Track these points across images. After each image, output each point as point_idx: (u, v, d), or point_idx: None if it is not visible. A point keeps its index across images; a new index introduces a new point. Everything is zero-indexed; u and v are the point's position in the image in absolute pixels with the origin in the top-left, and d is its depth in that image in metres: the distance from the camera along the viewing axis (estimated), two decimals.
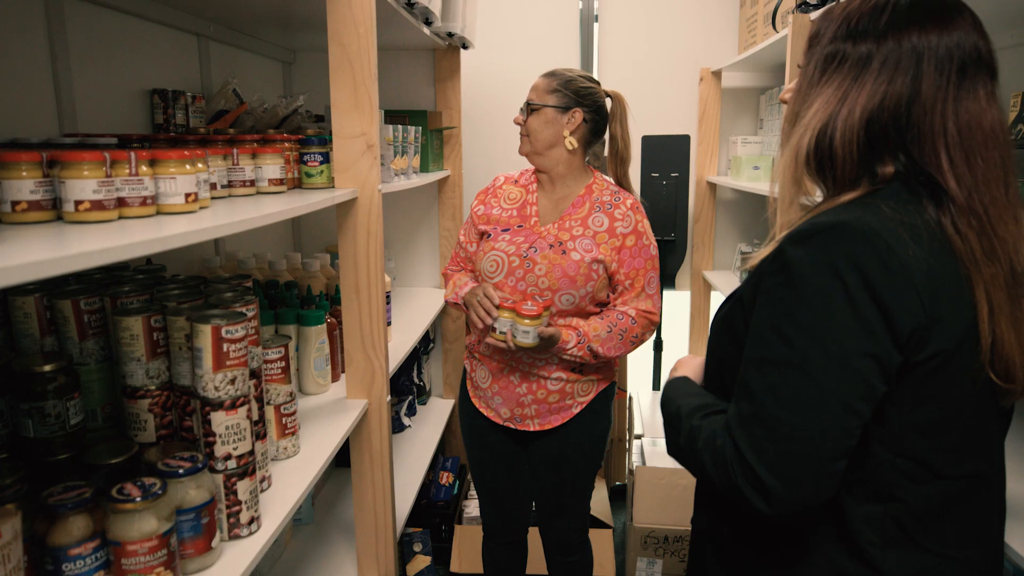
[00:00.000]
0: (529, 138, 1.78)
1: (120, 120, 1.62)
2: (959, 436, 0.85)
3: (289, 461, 1.32)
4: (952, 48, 0.82)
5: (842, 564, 0.87)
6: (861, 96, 0.83)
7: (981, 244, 0.81)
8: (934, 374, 0.81)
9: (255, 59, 2.34)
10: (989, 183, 0.81)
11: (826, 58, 0.87)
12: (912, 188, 0.83)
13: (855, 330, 0.78)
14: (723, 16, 2.91)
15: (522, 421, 1.77)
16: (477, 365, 1.83)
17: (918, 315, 0.78)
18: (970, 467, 0.86)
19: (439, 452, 2.80)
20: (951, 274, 0.80)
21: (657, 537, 2.27)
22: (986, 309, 0.81)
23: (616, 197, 1.75)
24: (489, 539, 2.00)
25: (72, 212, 0.89)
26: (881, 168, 0.84)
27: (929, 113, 0.81)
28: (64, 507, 0.84)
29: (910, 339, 0.79)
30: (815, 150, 0.86)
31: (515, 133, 2.95)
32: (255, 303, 1.14)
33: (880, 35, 0.84)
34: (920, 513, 0.85)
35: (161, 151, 0.99)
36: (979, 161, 0.81)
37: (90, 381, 1.10)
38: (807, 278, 0.80)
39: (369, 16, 1.41)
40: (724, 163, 3.01)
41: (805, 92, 0.89)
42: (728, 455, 0.82)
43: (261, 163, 1.35)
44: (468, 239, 1.87)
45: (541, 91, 1.77)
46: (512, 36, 2.94)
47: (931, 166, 0.82)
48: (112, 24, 1.57)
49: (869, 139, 0.84)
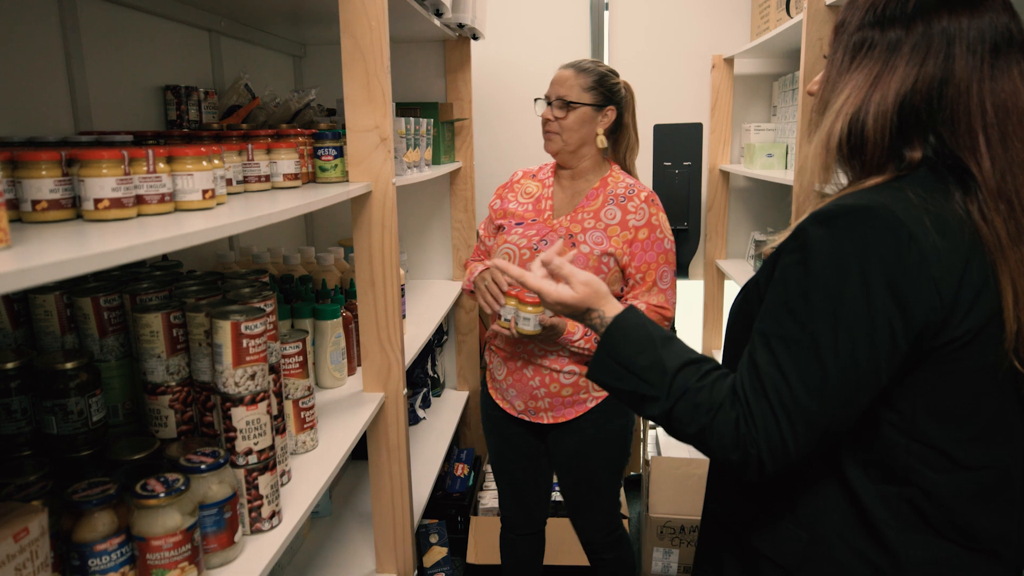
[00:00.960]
0: (561, 136, 1.73)
1: (134, 117, 1.62)
2: (979, 426, 0.84)
3: (308, 455, 1.33)
4: (983, 29, 0.81)
5: (858, 545, 0.87)
6: (894, 80, 0.83)
7: (1007, 229, 0.80)
8: (952, 361, 0.81)
9: (266, 54, 2.34)
10: (1022, 164, 0.80)
11: (855, 45, 0.87)
12: (939, 174, 0.82)
13: (866, 317, 0.78)
14: (735, 2, 2.88)
15: (536, 414, 1.77)
16: (494, 357, 1.84)
17: (934, 308, 0.78)
18: (993, 457, 0.85)
19: (454, 444, 2.81)
20: (977, 263, 0.79)
21: (673, 527, 2.27)
22: (1011, 296, 0.80)
23: (631, 190, 1.74)
24: (508, 530, 2.01)
25: (92, 211, 0.89)
26: (910, 153, 0.84)
27: (964, 94, 0.81)
28: (89, 503, 0.85)
29: (923, 330, 0.79)
30: (848, 135, 0.86)
31: (528, 123, 2.98)
32: (273, 298, 1.14)
33: (909, 20, 0.83)
34: (941, 501, 0.84)
35: (178, 148, 0.99)
36: (1015, 142, 0.80)
37: (111, 378, 1.11)
38: (825, 260, 0.80)
39: (381, 8, 1.41)
40: (737, 151, 2.99)
41: (834, 80, 0.89)
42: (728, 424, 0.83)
43: (276, 158, 1.35)
44: (487, 233, 1.88)
45: (576, 88, 1.71)
46: (522, 26, 2.93)
47: (964, 148, 0.81)
48: (125, 21, 1.57)
49: (901, 122, 0.83)
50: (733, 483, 0.99)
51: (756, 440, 0.81)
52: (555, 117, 1.72)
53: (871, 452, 0.85)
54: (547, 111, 1.74)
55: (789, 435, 0.80)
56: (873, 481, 0.85)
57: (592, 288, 1.01)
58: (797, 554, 0.89)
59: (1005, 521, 0.88)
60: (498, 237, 1.78)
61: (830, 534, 0.88)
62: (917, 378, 0.82)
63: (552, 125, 1.73)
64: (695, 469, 2.34)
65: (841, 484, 0.87)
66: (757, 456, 0.81)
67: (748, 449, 0.81)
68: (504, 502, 1.98)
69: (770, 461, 0.81)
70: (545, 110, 1.75)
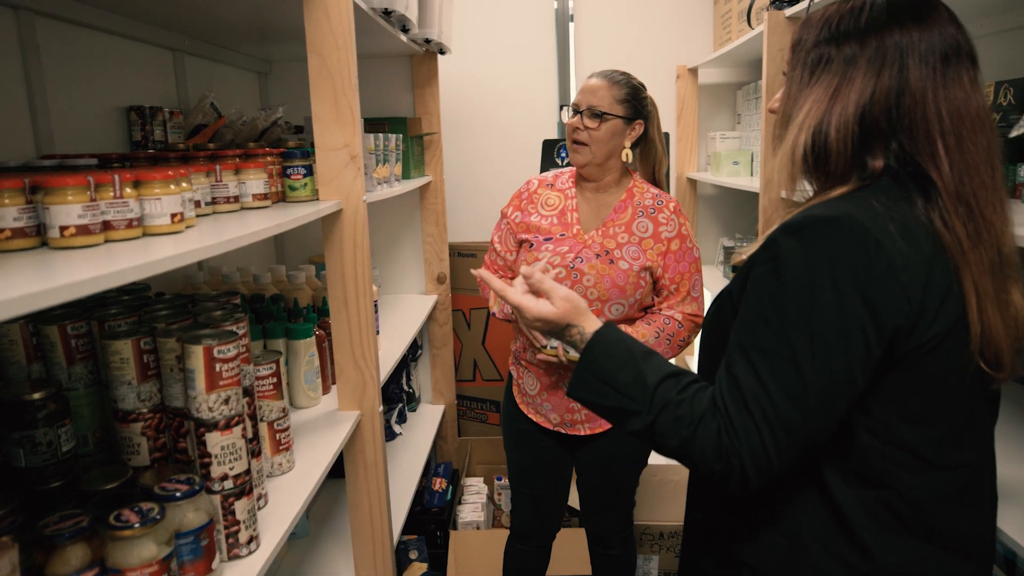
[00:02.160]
0: (591, 147, 1.69)
1: (98, 139, 1.60)
2: (950, 427, 0.86)
3: (284, 477, 1.31)
4: (933, 41, 0.84)
5: (838, 550, 0.88)
6: (853, 92, 0.86)
7: (967, 231, 0.83)
8: (920, 366, 0.83)
9: (231, 71, 2.33)
10: (979, 167, 0.84)
11: (813, 61, 0.90)
12: (901, 183, 0.85)
13: (840, 326, 0.80)
14: (697, 13, 2.94)
15: (572, 426, 1.78)
16: (524, 372, 1.82)
17: (903, 313, 0.80)
18: (965, 457, 0.87)
19: (431, 458, 2.80)
20: (940, 268, 0.82)
21: (652, 533, 2.29)
22: (974, 299, 0.83)
23: (658, 200, 1.73)
24: (518, 541, 2.00)
25: (57, 238, 0.88)
26: (872, 161, 0.87)
27: (920, 103, 0.84)
28: (62, 537, 0.83)
29: (895, 335, 0.81)
30: (812, 146, 0.88)
31: (497, 135, 3.00)
32: (245, 320, 1.13)
33: (863, 35, 0.86)
34: (916, 503, 0.86)
35: (145, 172, 0.98)
36: (969, 146, 0.83)
37: (79, 406, 1.09)
38: (796, 270, 0.82)
39: (348, 27, 1.41)
40: (703, 159, 3.04)
41: (795, 95, 0.91)
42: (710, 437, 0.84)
43: (244, 178, 1.34)
44: (506, 247, 1.82)
45: (609, 99, 1.68)
46: (488, 39, 2.95)
47: (924, 153, 0.84)
48: (86, 42, 1.55)
49: (863, 132, 0.86)
50: (714, 492, 1.00)
51: (739, 451, 0.82)
52: (586, 127, 1.68)
53: (848, 458, 0.87)
54: (576, 120, 1.70)
55: (771, 446, 0.81)
56: (851, 487, 0.87)
57: (572, 304, 1.02)
58: (778, 562, 0.91)
59: (977, 521, 0.90)
60: (526, 254, 1.74)
61: (810, 541, 0.89)
62: (889, 383, 0.84)
63: (582, 135, 1.69)
64: (672, 475, 2.36)
65: (821, 492, 0.89)
66: (740, 467, 0.82)
67: (731, 460, 0.82)
68: (520, 514, 1.97)
69: (753, 472, 0.82)
70: (575, 119, 1.70)
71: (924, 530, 0.87)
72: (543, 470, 1.88)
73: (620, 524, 1.93)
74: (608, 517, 1.92)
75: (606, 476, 1.84)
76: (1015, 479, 1.19)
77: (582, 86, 1.73)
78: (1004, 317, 0.85)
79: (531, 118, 2.99)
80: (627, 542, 1.96)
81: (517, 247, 1.80)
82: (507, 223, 1.82)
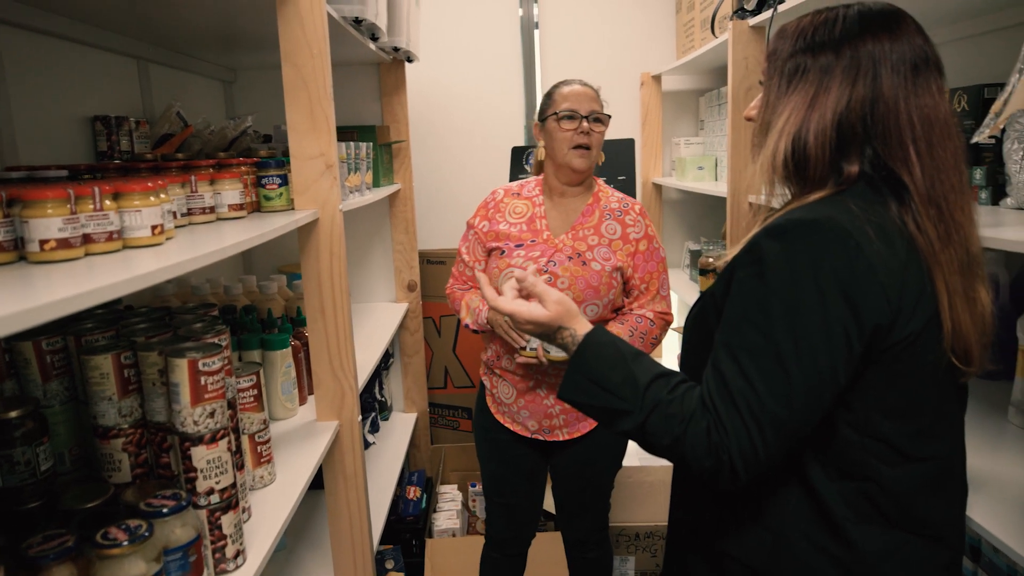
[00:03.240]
0: (592, 151, 1.74)
1: (63, 149, 1.56)
2: (924, 420, 0.90)
3: (266, 490, 1.30)
4: (904, 51, 0.89)
5: (821, 541, 0.91)
6: (829, 100, 0.89)
7: (938, 232, 0.87)
8: (897, 362, 0.87)
9: (196, 80, 2.29)
10: (948, 171, 0.88)
11: (791, 71, 0.93)
12: (876, 187, 0.89)
13: (823, 325, 0.83)
14: (660, 22, 2.99)
15: (551, 432, 1.79)
16: (498, 381, 1.82)
17: (883, 311, 0.84)
18: (938, 448, 0.91)
19: (404, 467, 2.78)
20: (914, 269, 0.86)
21: (629, 535, 2.31)
22: (946, 297, 0.87)
23: (624, 203, 1.78)
24: (494, 550, 2.00)
25: (37, 252, 0.86)
26: (848, 167, 0.90)
27: (893, 110, 0.88)
28: (47, 558, 0.81)
29: (875, 332, 0.84)
30: (791, 152, 0.91)
31: (464, 142, 3.01)
32: (227, 332, 1.12)
33: (838, 45, 0.90)
34: (894, 493, 0.90)
35: (125, 184, 0.97)
36: (938, 151, 0.88)
37: (56, 423, 1.06)
38: (780, 271, 0.85)
39: (322, 36, 1.41)
40: (668, 164, 3.09)
41: (774, 103, 0.94)
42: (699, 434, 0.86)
43: (220, 189, 1.32)
44: (473, 257, 1.83)
45: (600, 103, 1.76)
46: (455, 46, 2.96)
47: (897, 159, 0.88)
48: (49, 51, 1.52)
49: (839, 138, 0.90)
50: (700, 489, 1.02)
51: (728, 447, 0.84)
52: (592, 130, 1.72)
53: (829, 452, 0.90)
54: (583, 125, 1.72)
55: (759, 441, 0.84)
56: (832, 480, 0.90)
57: (564, 307, 1.03)
58: (764, 554, 0.93)
59: (951, 509, 0.94)
60: (497, 261, 1.75)
61: (794, 533, 0.92)
62: (868, 379, 0.87)
63: (588, 139, 1.72)
64: (647, 476, 2.39)
65: (803, 485, 0.92)
66: (729, 463, 0.85)
67: (720, 456, 0.85)
68: (495, 522, 1.97)
69: (742, 467, 0.84)
70: (581, 124, 1.72)
71: (902, 519, 0.90)
72: (519, 480, 1.89)
73: (596, 528, 1.95)
74: (584, 521, 1.93)
75: (582, 480, 1.86)
76: (978, 469, 1.24)
77: (568, 92, 1.76)
78: (972, 314, 0.89)
79: (499, 125, 3.01)
80: (603, 544, 1.98)
81: (485, 256, 1.81)
82: (475, 233, 1.83)
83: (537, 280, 1.05)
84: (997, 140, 1.41)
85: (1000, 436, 1.37)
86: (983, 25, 1.66)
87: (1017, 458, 1.29)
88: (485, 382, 1.88)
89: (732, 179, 1.97)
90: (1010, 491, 1.16)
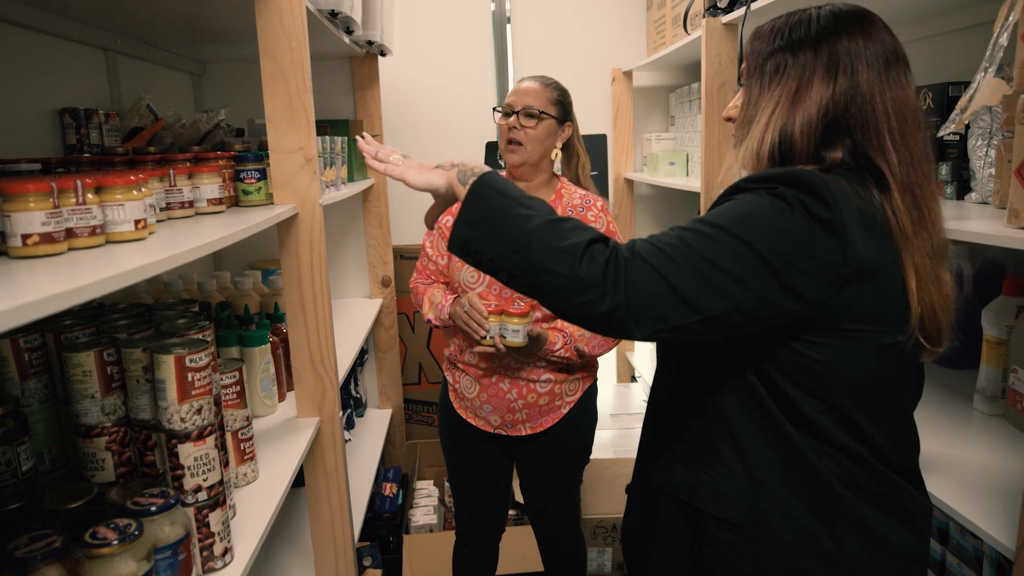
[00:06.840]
0: (527, 147, 1.73)
1: (30, 142, 1.52)
2: (880, 396, 0.94)
3: (250, 487, 1.29)
4: (876, 48, 0.93)
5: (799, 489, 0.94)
6: (812, 93, 0.93)
7: (912, 216, 0.91)
8: (858, 340, 0.90)
9: (165, 72, 2.25)
10: (920, 160, 0.92)
11: (772, 68, 0.97)
12: (857, 173, 0.92)
13: (781, 242, 0.85)
14: (631, 18, 3.01)
15: (513, 427, 1.79)
16: (460, 375, 1.82)
17: (839, 264, 0.85)
18: (890, 426, 0.96)
19: (380, 463, 2.77)
20: (887, 249, 0.89)
21: (606, 526, 2.34)
22: (914, 279, 0.91)
23: (586, 200, 1.79)
24: (464, 545, 2.01)
25: (19, 247, 0.84)
26: (831, 155, 0.94)
27: (870, 103, 0.92)
28: (34, 559, 0.80)
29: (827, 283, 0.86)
30: (778, 144, 0.95)
31: (437, 137, 3.00)
32: (211, 328, 1.10)
33: (815, 43, 0.94)
34: (863, 455, 0.94)
35: (106, 177, 0.95)
36: (911, 140, 0.92)
37: (35, 423, 1.04)
38: (754, 200, 0.88)
39: (301, 29, 1.39)
40: (639, 160, 3.12)
41: (756, 98, 0.98)
42: (602, 253, 0.85)
43: (199, 183, 1.30)
44: (437, 252, 1.84)
45: (543, 99, 1.73)
46: (427, 40, 2.94)
47: (874, 148, 0.92)
48: (14, 41, 1.47)
49: (825, 128, 0.93)
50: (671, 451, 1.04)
51: (625, 278, 0.83)
52: (522, 126, 1.72)
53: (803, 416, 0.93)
54: (512, 120, 1.73)
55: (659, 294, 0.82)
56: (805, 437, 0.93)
57: (447, 163, 1.07)
58: (744, 509, 0.95)
59: (911, 451, 1.00)
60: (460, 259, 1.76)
61: (773, 482, 0.94)
62: (835, 353, 0.90)
63: (519, 134, 1.72)
64: (622, 468, 2.42)
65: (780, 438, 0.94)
66: (624, 298, 0.82)
67: (617, 286, 0.83)
68: (462, 519, 1.98)
69: (629, 314, 0.83)
70: (511, 119, 1.73)
71: (876, 471, 0.95)
72: (482, 476, 1.89)
73: (566, 522, 1.95)
74: (553, 516, 1.93)
75: (548, 475, 1.86)
76: (946, 454, 1.29)
77: (514, 89, 1.79)
78: (941, 294, 0.94)
79: (472, 119, 3.00)
80: (574, 539, 1.98)
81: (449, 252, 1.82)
82: (438, 228, 1.83)
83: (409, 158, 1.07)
84: (962, 137, 1.46)
85: (966, 422, 1.43)
86: (946, 25, 1.72)
87: (983, 443, 1.34)
88: (448, 377, 1.89)
89: (706, 173, 2.00)
90: (976, 474, 1.21)
